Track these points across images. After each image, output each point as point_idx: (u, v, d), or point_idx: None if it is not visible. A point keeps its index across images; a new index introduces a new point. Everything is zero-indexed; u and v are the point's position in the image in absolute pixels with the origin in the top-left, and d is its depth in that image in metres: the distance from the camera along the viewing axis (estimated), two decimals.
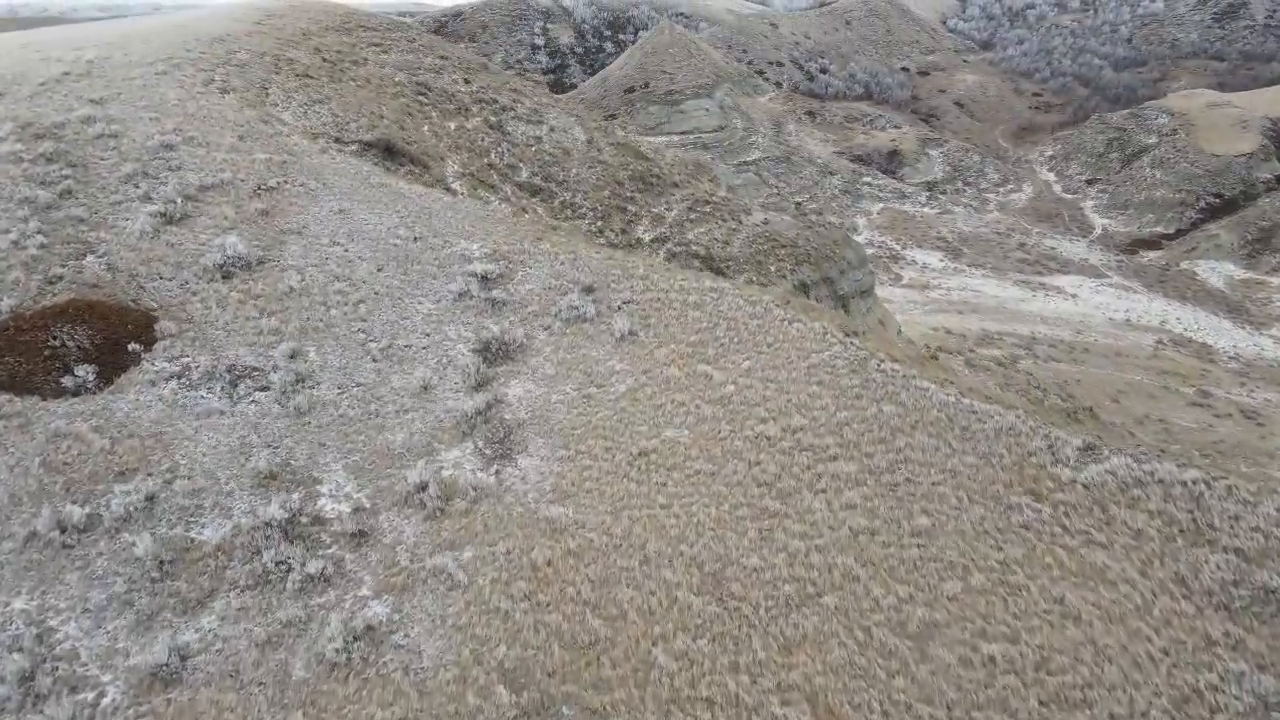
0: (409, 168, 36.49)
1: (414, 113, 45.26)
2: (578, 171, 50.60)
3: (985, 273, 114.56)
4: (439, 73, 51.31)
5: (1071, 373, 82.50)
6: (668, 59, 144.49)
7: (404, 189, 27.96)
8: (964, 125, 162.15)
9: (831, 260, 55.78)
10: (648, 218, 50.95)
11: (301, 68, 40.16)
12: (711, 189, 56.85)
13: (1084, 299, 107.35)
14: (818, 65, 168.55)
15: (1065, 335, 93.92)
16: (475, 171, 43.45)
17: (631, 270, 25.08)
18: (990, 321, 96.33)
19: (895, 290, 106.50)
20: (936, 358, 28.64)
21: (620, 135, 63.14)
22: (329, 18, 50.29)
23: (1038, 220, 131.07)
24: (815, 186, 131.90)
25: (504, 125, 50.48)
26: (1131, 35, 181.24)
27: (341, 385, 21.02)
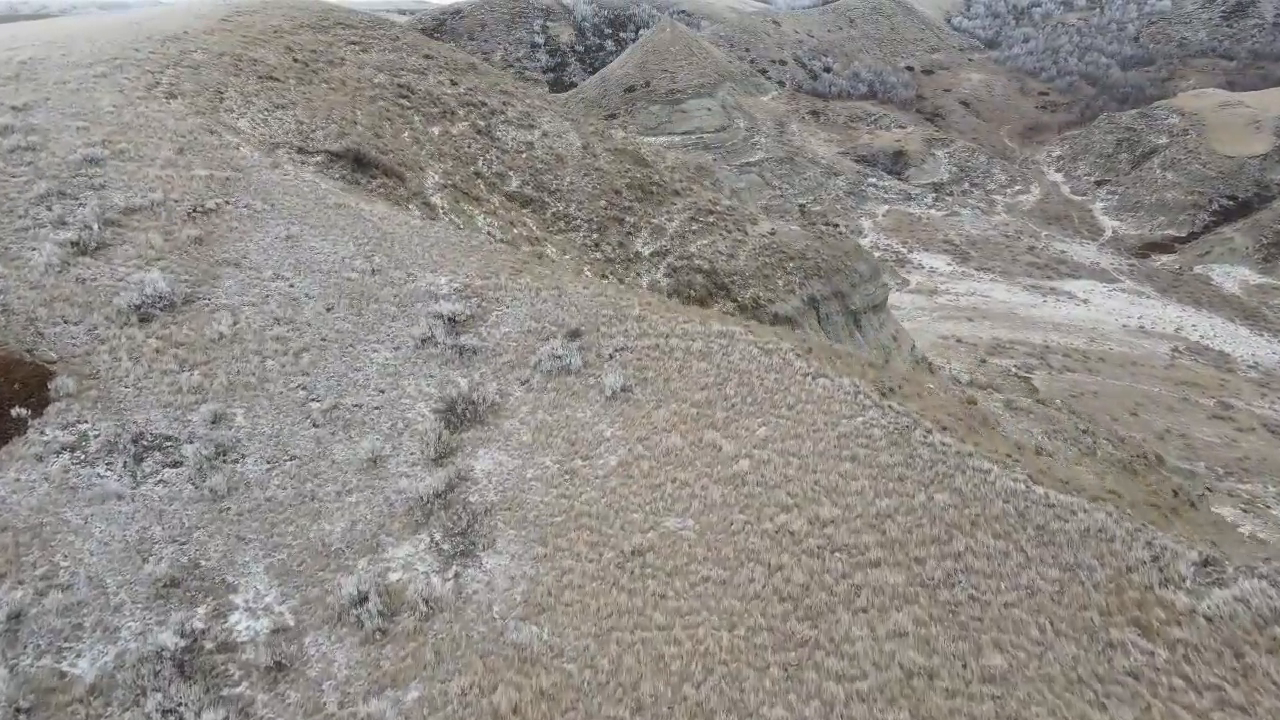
0: (381, 180, 32.50)
1: (393, 117, 41.26)
2: (572, 180, 46.62)
3: (994, 277, 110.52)
4: (423, 74, 47.28)
5: (1088, 384, 78.55)
6: (669, 58, 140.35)
7: (365, 210, 23.98)
8: (970, 125, 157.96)
9: (843, 273, 51.85)
10: (647, 229, 46.98)
11: (266, 69, 36.15)
12: (715, 197, 52.84)
13: (1096, 304, 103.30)
14: (821, 64, 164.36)
15: (1079, 343, 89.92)
16: (459, 182, 39.47)
17: (625, 310, 21.10)
18: (1001, 329, 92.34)
19: (903, 296, 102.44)
20: (975, 401, 24.60)
21: (618, 140, 59.11)
22: (305, 14, 46.26)
23: (1046, 222, 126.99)
24: (819, 188, 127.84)
25: (493, 130, 46.48)
26: (1139, 34, 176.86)
27: (272, 459, 17.08)
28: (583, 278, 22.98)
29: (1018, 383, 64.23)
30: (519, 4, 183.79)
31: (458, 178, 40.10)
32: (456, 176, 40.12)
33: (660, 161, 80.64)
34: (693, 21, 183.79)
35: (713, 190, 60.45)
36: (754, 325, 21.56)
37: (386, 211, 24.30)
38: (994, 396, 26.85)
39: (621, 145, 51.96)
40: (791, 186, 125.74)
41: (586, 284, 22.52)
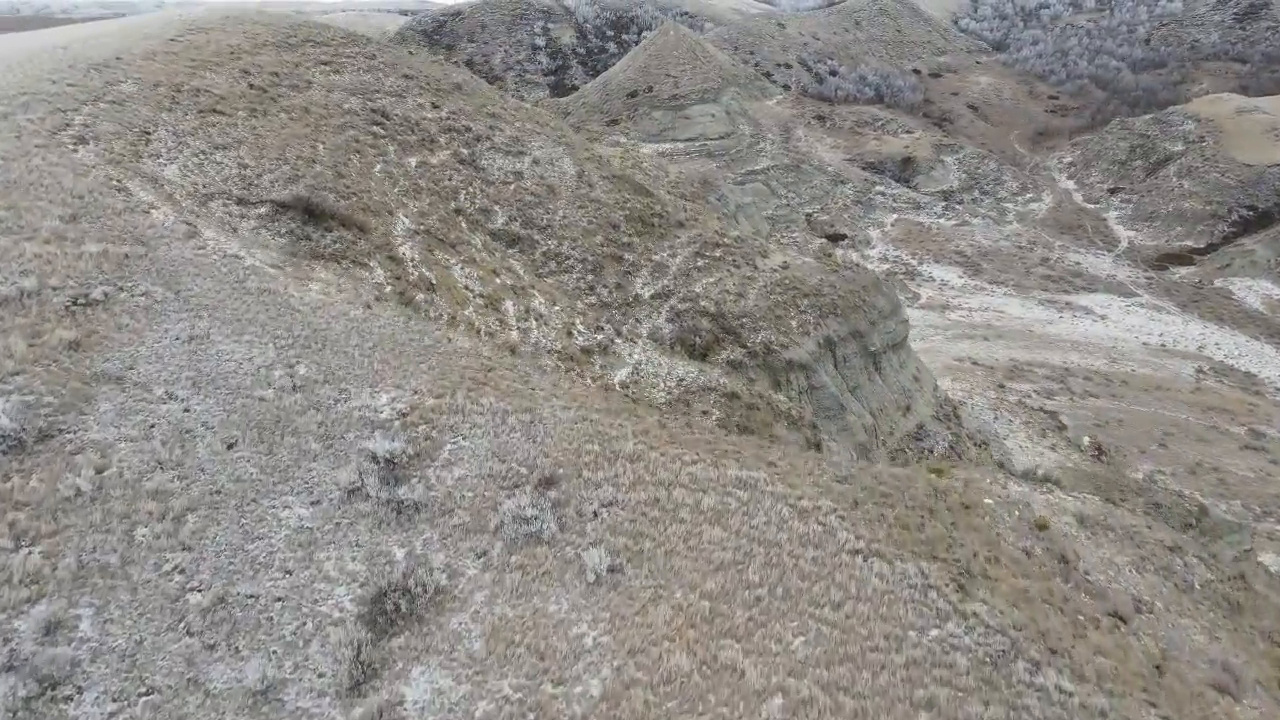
0: (337, 234, 27.44)
1: (364, 149, 36.16)
2: (565, 213, 41.54)
3: (1008, 291, 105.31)
4: (401, 96, 42.16)
5: (1112, 411, 73.37)
6: (672, 62, 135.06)
7: (295, 298, 18.92)
8: (978, 129, 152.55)
9: (861, 310, 46.78)
10: (648, 267, 41.90)
11: (212, 100, 31.05)
12: (722, 227, 47.75)
13: (1114, 320, 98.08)
14: (827, 67, 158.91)
15: (1100, 365, 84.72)
16: (435, 224, 34.38)
17: (615, 444, 16.05)
18: (1018, 349, 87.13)
19: (914, 312, 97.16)
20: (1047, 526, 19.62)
21: (617, 165, 53.98)
22: (269, 32, 41.13)
23: (1059, 232, 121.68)
24: (826, 196, 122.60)
25: (477, 159, 41.38)
26: (1149, 36, 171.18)
27: (120, 694, 12.09)
28: (562, 392, 17.90)
29: (1044, 419, 59.11)
30: (520, 6, 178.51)
31: (435, 218, 35.02)
32: (433, 216, 35.04)
33: (663, 177, 75.83)
34: (696, 23, 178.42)
35: (719, 218, 55.36)
36: (781, 463, 16.44)
37: (322, 298, 19.20)
38: (1057, 500, 21.85)
39: (620, 172, 46.84)
40: (798, 195, 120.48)
41: (567, 401, 17.45)
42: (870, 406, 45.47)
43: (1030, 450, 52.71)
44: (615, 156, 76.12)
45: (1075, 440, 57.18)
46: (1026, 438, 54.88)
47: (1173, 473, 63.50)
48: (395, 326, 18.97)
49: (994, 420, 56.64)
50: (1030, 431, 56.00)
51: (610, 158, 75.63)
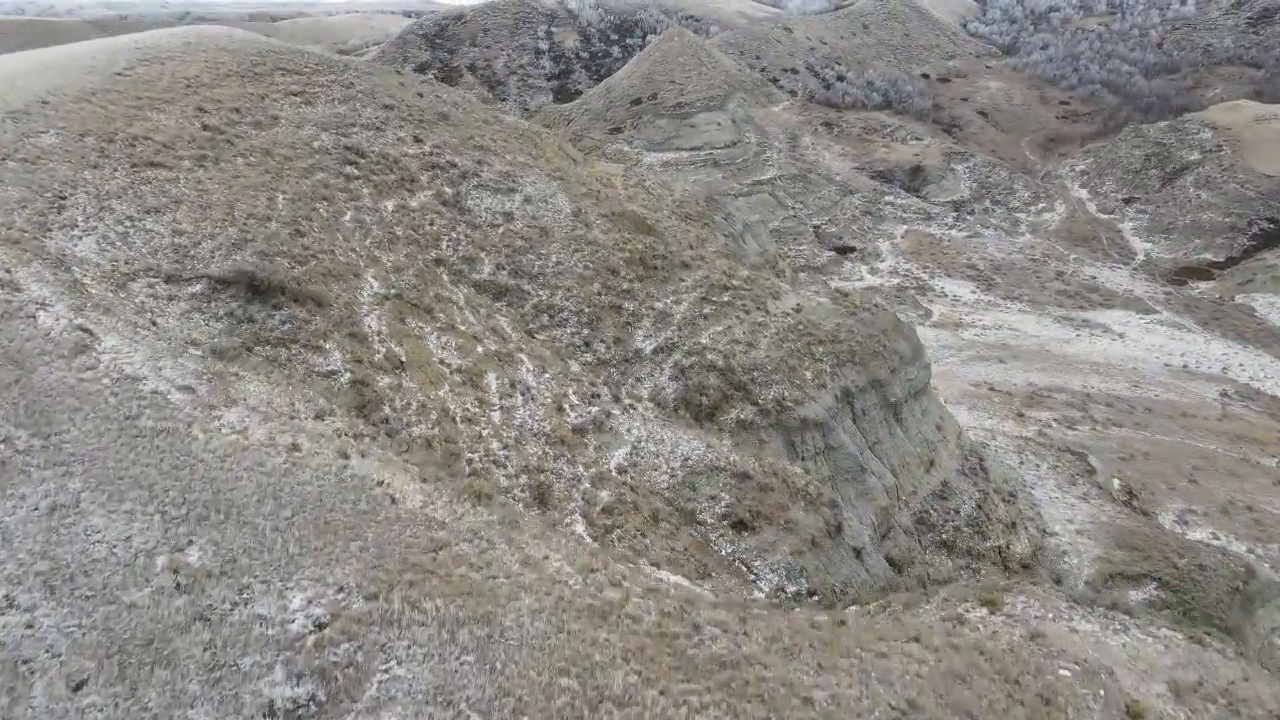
0: (287, 313, 23.21)
1: (333, 195, 31.93)
2: (559, 259, 37.29)
3: (1022, 306, 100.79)
4: (380, 129, 37.90)
5: (1137, 441, 68.94)
6: (677, 68, 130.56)
7: (199, 442, 14.67)
8: (988, 136, 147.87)
9: (881, 357, 42.51)
10: (650, 317, 37.65)
11: (152, 149, 26.82)
12: (730, 267, 43.46)
13: (1133, 339, 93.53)
14: (834, 72, 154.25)
15: (1121, 389, 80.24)
16: (410, 283, 30.15)
17: (601, 675, 11.84)
18: (1035, 371, 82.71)
19: (926, 331, 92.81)
20: (1141, 715, 15.25)
21: (619, 184, 49.72)
22: (234, 59, 36.89)
23: (1073, 244, 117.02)
24: (834, 207, 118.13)
25: (463, 199, 37.13)
26: (1162, 40, 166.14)
27: None
28: (534, 582, 13.66)
29: (1072, 461, 54.74)
30: (523, 9, 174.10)
31: (411, 272, 30.78)
32: (409, 271, 30.80)
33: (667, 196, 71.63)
34: (701, 27, 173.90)
35: (727, 256, 51.02)
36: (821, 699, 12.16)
37: (235, 438, 14.90)
38: (1138, 649, 17.77)
39: (621, 208, 42.55)
40: (805, 206, 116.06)
41: (539, 598, 13.23)
42: (891, 463, 41.22)
43: (1061, 501, 48.39)
44: (617, 175, 71.97)
45: (1105, 485, 52.84)
46: (1056, 485, 50.55)
47: (1205, 512, 59.21)
48: (325, 480, 14.73)
49: (1019, 465, 52.28)
50: (1059, 478, 51.65)
51: (612, 176, 71.41)
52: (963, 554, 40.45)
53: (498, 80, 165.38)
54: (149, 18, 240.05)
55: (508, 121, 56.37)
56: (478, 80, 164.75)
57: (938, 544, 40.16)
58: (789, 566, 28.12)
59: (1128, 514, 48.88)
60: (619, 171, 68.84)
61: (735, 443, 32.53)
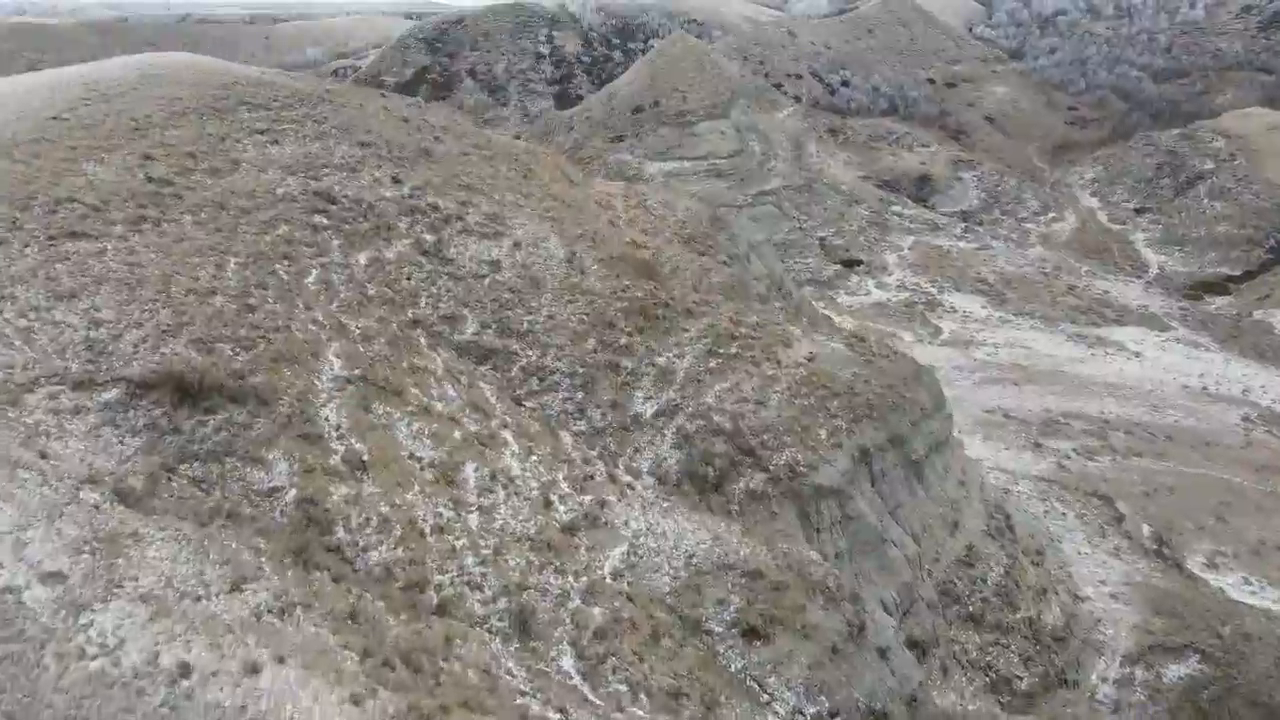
0: (224, 417, 19.57)
1: (295, 252, 28.27)
2: (551, 312, 33.61)
3: (1034, 323, 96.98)
4: (355, 170, 34.20)
5: (1160, 474, 65.25)
6: (679, 75, 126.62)
7: (49, 674, 11.00)
8: (995, 143, 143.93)
9: (901, 410, 38.88)
10: (651, 374, 33.96)
11: (78, 213, 23.17)
12: (739, 313, 39.74)
13: (1150, 359, 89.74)
14: (839, 77, 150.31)
15: (1140, 414, 76.54)
16: (381, 354, 26.48)
17: None
18: (1050, 395, 78.96)
19: (936, 350, 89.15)
20: None
21: (620, 235, 46.07)
22: (194, 94, 33.19)
23: (1085, 255, 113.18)
24: (840, 219, 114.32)
25: (445, 247, 33.45)
26: (1171, 44, 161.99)
27: None
28: None
29: (1099, 507, 51.09)
30: (523, 13, 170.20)
31: (382, 341, 27.10)
32: (380, 340, 27.12)
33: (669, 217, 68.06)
34: (704, 31, 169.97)
35: (737, 304, 47.27)
36: None
37: (95, 671, 11.20)
38: None
39: (622, 252, 38.85)
40: (810, 218, 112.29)
41: None
42: (913, 528, 37.57)
43: (1091, 558, 44.76)
44: (617, 195, 68.39)
45: (1135, 533, 49.18)
46: (1085, 538, 46.91)
47: (1235, 554, 55.70)
48: None
49: (1044, 513, 48.63)
50: (1087, 529, 47.99)
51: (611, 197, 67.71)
52: (991, 628, 36.85)
53: (498, 85, 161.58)
54: (148, 19, 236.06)
55: (501, 143, 52.70)
56: (478, 85, 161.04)
57: (964, 618, 36.54)
58: (807, 683, 24.46)
59: (1163, 570, 45.21)
60: (619, 191, 65.10)
61: (745, 527, 28.87)
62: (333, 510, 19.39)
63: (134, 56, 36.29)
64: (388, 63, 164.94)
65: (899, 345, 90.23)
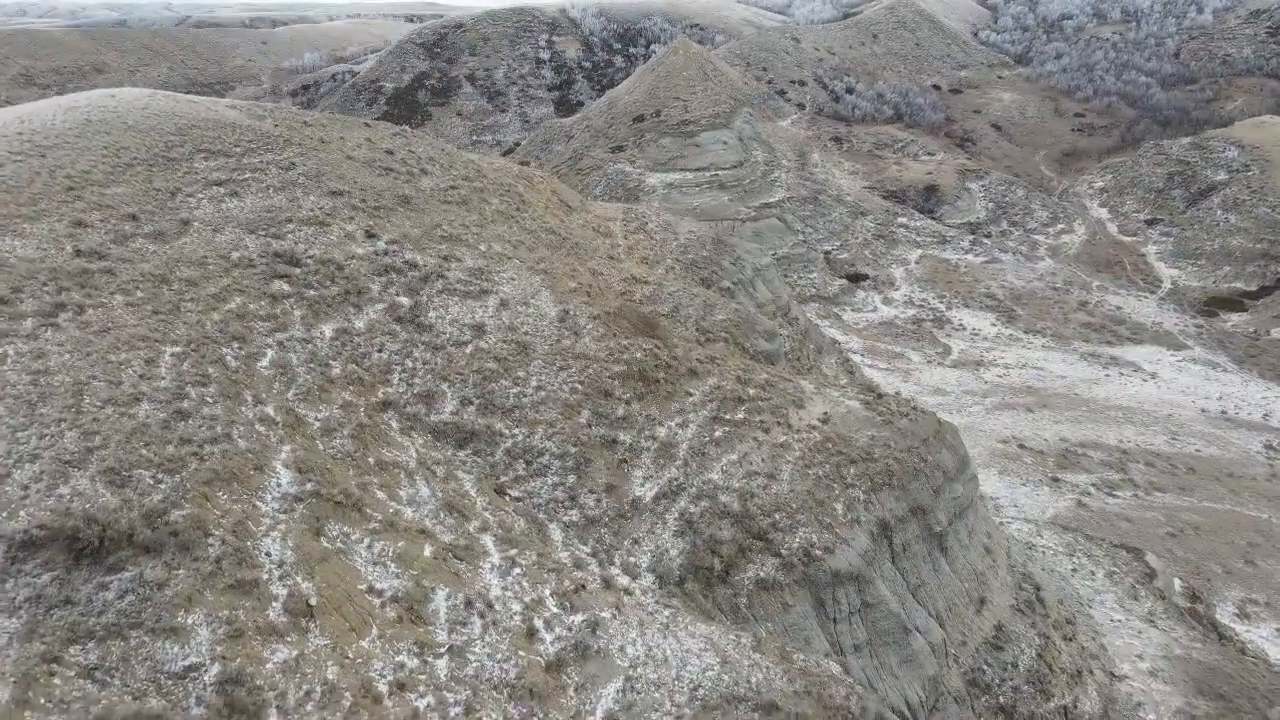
0: (132, 574, 15.98)
1: (249, 329, 24.64)
2: (541, 381, 29.98)
3: (1046, 341, 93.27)
4: (323, 225, 30.55)
5: (1184, 511, 61.60)
6: (681, 83, 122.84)
7: None
8: (1002, 151, 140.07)
9: (922, 475, 35.26)
10: (651, 450, 30.37)
11: None
12: (746, 370, 36.11)
13: (1166, 380, 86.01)
14: (843, 84, 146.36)
15: (1159, 443, 72.83)
16: (343, 451, 22.87)
17: None
18: (1066, 422, 75.30)
19: (946, 372, 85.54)
20: None
21: (619, 272, 42.55)
22: (143, 142, 29.58)
23: (1096, 269, 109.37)
24: (846, 231, 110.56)
25: (423, 312, 29.80)
26: (1179, 49, 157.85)
27: None
28: None
29: (1128, 561, 47.41)
30: (524, 18, 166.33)
31: (345, 434, 23.48)
32: (343, 433, 23.50)
33: (670, 241, 64.91)
34: (706, 35, 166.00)
35: (745, 358, 43.64)
36: None
37: None
38: None
39: (620, 305, 35.19)
40: (815, 230, 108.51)
41: None
42: (938, 608, 33.97)
43: (1125, 626, 41.14)
44: (616, 220, 64.91)
45: (1167, 589, 45.53)
46: (1117, 601, 43.27)
47: (1267, 601, 52.03)
48: None
49: (1072, 572, 44.99)
50: (1118, 590, 44.34)
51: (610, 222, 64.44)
52: None
53: (497, 91, 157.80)
54: (148, 22, 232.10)
55: (492, 171, 49.09)
56: (477, 91, 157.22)
57: (994, 709, 32.93)
58: None
59: (1202, 639, 41.55)
60: (618, 215, 61.56)
61: (756, 639, 25.24)
62: (265, 686, 15.79)
63: (84, 95, 32.64)
64: (386, 68, 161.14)
65: (908, 366, 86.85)
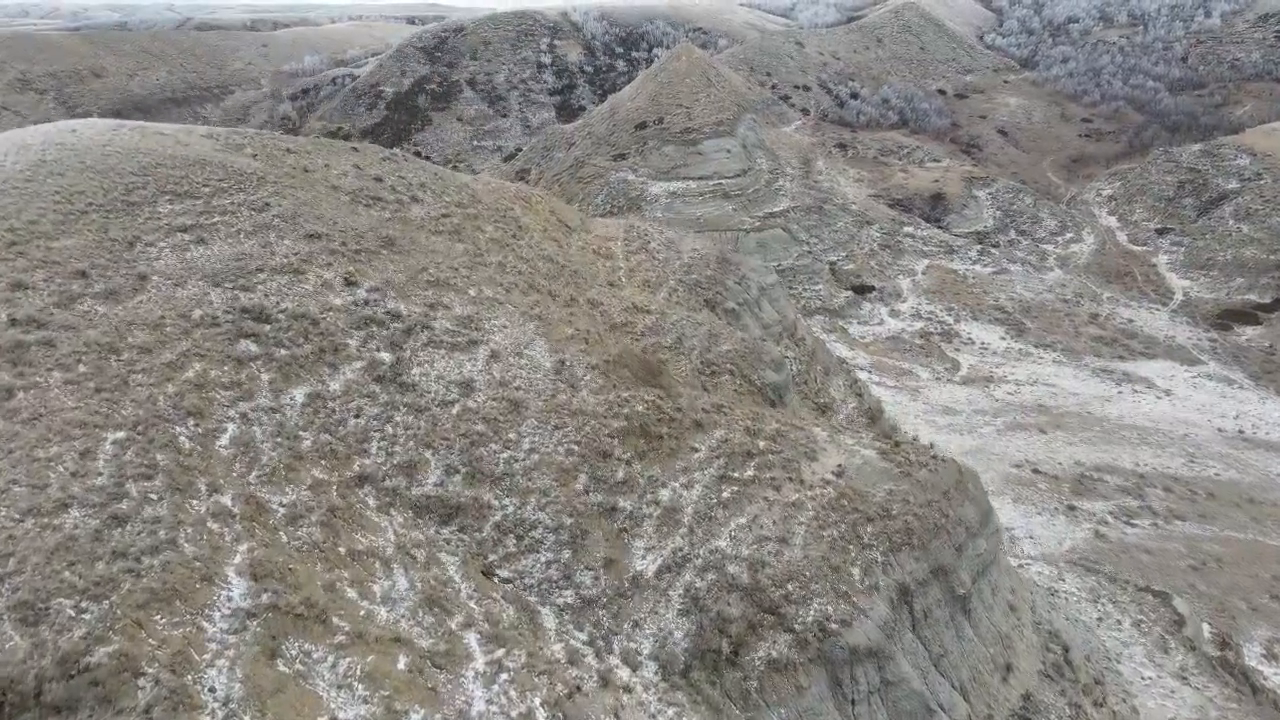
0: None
1: (207, 402, 22.01)
2: (534, 442, 27.31)
3: (1057, 356, 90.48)
4: (298, 273, 27.89)
5: (1205, 542, 58.86)
6: (684, 90, 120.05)
7: None
8: (1009, 156, 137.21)
9: (944, 532, 32.64)
10: (653, 516, 27.71)
11: None
12: (756, 419, 33.44)
13: (1181, 398, 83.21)
14: (848, 89, 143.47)
15: (1177, 466, 70.08)
16: (309, 541, 20.22)
17: None
18: (1080, 443, 72.57)
19: (956, 389, 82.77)
20: None
21: (620, 301, 39.89)
22: (101, 184, 26.95)
23: (1106, 280, 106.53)
24: (851, 241, 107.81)
25: (405, 369, 27.13)
26: (1187, 54, 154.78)
27: None
28: None
29: (1154, 606, 44.76)
30: (525, 21, 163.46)
31: (313, 520, 20.81)
32: (310, 520, 20.83)
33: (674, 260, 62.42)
34: (710, 39, 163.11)
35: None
36: None
37: None
38: None
39: (621, 350, 32.51)
40: (820, 240, 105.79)
41: None
42: (961, 679, 31.36)
43: (1157, 685, 38.48)
44: (617, 239, 62.27)
45: (1197, 638, 42.87)
46: (1146, 655, 40.62)
47: None
48: None
49: (1098, 622, 42.33)
50: (1147, 641, 41.69)
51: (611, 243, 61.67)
52: None
53: (498, 95, 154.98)
54: (149, 23, 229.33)
55: (487, 195, 46.45)
56: (478, 95, 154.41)
57: None
58: None
59: (1238, 698, 38.86)
60: (620, 235, 58.90)
61: None
62: None
63: (41, 131, 29.98)
64: (386, 72, 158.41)
65: (917, 383, 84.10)
